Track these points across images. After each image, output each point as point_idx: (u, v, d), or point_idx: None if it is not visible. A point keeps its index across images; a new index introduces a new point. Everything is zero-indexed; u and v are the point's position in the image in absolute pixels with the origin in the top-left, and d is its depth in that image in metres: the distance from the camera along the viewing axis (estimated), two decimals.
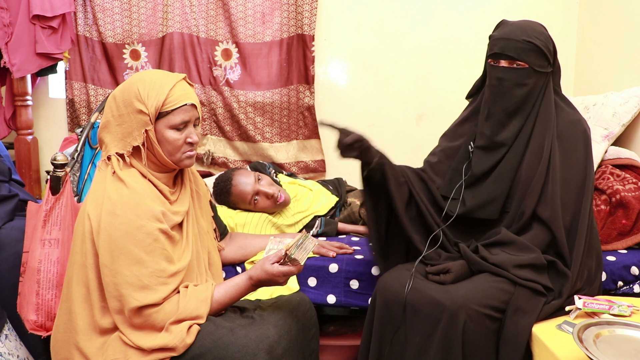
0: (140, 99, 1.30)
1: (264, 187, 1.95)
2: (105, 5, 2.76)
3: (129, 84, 1.34)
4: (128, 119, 1.31)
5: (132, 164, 1.33)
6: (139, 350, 1.23)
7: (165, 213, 1.30)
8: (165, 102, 1.31)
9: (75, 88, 2.84)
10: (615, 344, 1.13)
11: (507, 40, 1.47)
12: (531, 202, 1.48)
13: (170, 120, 1.33)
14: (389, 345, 1.43)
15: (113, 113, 1.33)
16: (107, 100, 1.38)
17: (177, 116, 1.33)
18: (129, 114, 1.31)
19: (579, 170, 1.49)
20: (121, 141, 1.32)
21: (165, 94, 1.31)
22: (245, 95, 2.80)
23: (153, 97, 1.30)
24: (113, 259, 1.22)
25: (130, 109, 1.31)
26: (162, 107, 1.31)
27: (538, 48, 1.46)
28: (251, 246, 1.75)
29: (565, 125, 1.52)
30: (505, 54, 1.48)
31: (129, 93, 1.32)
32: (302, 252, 1.34)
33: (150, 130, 1.31)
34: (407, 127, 2.84)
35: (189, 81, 1.39)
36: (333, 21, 2.78)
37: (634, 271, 1.71)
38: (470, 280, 1.43)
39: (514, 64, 1.48)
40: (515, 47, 1.46)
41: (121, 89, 1.35)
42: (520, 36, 1.46)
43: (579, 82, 2.69)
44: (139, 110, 1.30)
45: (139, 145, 1.31)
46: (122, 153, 1.32)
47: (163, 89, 1.31)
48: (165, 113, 1.32)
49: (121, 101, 1.32)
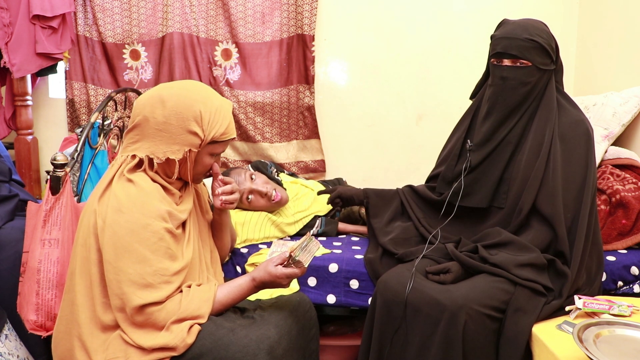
0: (200, 123, 1.29)
1: (257, 185, 1.95)
2: (105, 5, 2.76)
3: (186, 98, 1.30)
4: (175, 131, 1.29)
5: (146, 168, 1.31)
6: (140, 349, 1.23)
7: (171, 213, 1.30)
8: (223, 133, 1.33)
9: (75, 88, 2.84)
10: (615, 344, 1.13)
11: (510, 39, 1.47)
12: (529, 198, 1.48)
13: (215, 148, 1.36)
14: (390, 345, 1.43)
15: (156, 117, 1.29)
16: (148, 99, 1.32)
17: (222, 147, 1.37)
18: (178, 128, 1.29)
19: (580, 170, 1.49)
20: (156, 147, 1.30)
21: (226, 126, 1.33)
22: (245, 95, 2.80)
23: (214, 127, 1.30)
24: (117, 257, 1.22)
25: (182, 125, 1.28)
26: (218, 138, 1.32)
27: (541, 46, 1.46)
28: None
29: (567, 125, 1.52)
30: (509, 53, 1.48)
31: (186, 109, 1.29)
32: (306, 255, 1.34)
33: (194, 152, 1.31)
34: (407, 127, 2.84)
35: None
36: (333, 21, 2.78)
37: (634, 271, 1.71)
38: (471, 280, 1.43)
39: (518, 62, 1.48)
40: (518, 45, 1.46)
41: (175, 98, 1.29)
42: (522, 34, 1.46)
43: (579, 82, 2.69)
44: (193, 132, 1.29)
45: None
46: (153, 158, 1.30)
47: (224, 120, 1.33)
48: (215, 141, 1.33)
49: (173, 112, 1.28)
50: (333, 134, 2.86)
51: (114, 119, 2.25)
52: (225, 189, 1.46)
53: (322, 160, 2.84)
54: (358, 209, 2.15)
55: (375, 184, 2.85)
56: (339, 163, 2.88)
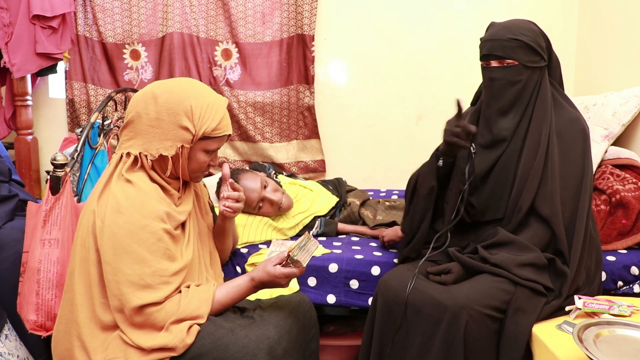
0: (191, 118, 1.28)
1: (269, 194, 1.94)
2: (105, 6, 2.76)
3: (178, 94, 1.29)
4: (167, 127, 1.28)
5: (144, 166, 1.31)
6: (139, 349, 1.23)
7: (169, 214, 1.29)
8: (215, 128, 1.31)
9: (75, 88, 2.84)
10: (615, 344, 1.13)
11: (494, 40, 1.50)
12: (528, 198, 1.48)
13: (209, 144, 1.34)
14: (390, 346, 1.43)
15: (149, 113, 1.28)
16: (141, 95, 1.32)
17: (216, 143, 1.35)
18: (170, 123, 1.28)
19: (577, 168, 1.49)
20: (149, 144, 1.30)
21: (217, 122, 1.31)
22: (245, 95, 2.80)
23: (205, 122, 1.29)
24: (116, 257, 1.22)
25: (173, 120, 1.28)
26: (210, 133, 1.31)
27: (525, 44, 1.47)
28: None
29: (564, 123, 1.52)
30: (494, 54, 1.50)
31: (177, 105, 1.28)
32: (305, 254, 1.34)
33: (186, 148, 1.30)
34: (407, 127, 2.84)
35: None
36: (333, 21, 2.78)
37: (634, 271, 1.71)
38: (472, 281, 1.43)
39: (504, 62, 1.50)
40: (502, 46, 1.48)
41: (167, 94, 1.29)
42: (505, 35, 1.48)
43: (579, 82, 2.69)
44: (185, 127, 1.28)
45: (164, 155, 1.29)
46: (146, 154, 1.30)
47: (217, 115, 1.31)
48: (207, 137, 1.32)
49: (165, 107, 1.28)
50: (333, 134, 2.86)
51: (114, 119, 2.25)
52: (232, 195, 1.46)
53: (322, 160, 2.84)
54: (358, 209, 2.15)
55: (375, 184, 2.86)
56: (339, 163, 2.88)
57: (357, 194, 2.27)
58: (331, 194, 2.19)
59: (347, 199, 2.23)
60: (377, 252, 1.83)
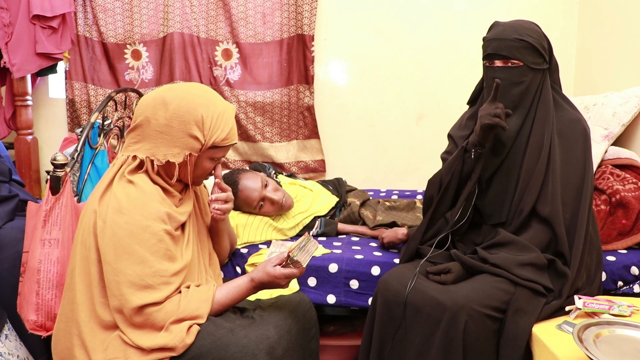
0: (201, 128, 1.29)
1: (270, 193, 1.93)
2: (106, 6, 2.77)
3: (189, 102, 1.29)
4: (176, 134, 1.29)
5: (147, 169, 1.31)
6: (139, 349, 1.23)
7: (170, 215, 1.30)
8: (224, 138, 1.32)
9: (76, 88, 2.84)
10: (615, 344, 1.13)
11: (500, 40, 1.49)
12: (530, 199, 1.48)
13: (216, 153, 1.35)
14: (390, 345, 1.43)
15: (158, 119, 1.28)
16: (151, 100, 1.31)
17: (223, 152, 1.37)
18: (180, 131, 1.28)
19: (578, 169, 1.49)
20: (156, 149, 1.30)
21: (227, 132, 1.32)
22: (246, 95, 2.80)
23: (215, 132, 1.30)
24: (117, 258, 1.22)
25: (183, 129, 1.28)
26: (219, 143, 1.32)
27: (531, 45, 1.47)
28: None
29: (565, 124, 1.52)
30: (499, 54, 1.49)
31: (188, 113, 1.28)
32: (305, 255, 1.34)
33: (194, 156, 1.31)
34: (407, 127, 2.84)
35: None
36: (333, 21, 2.78)
37: (634, 271, 1.71)
38: (471, 281, 1.43)
39: (509, 62, 1.49)
40: (508, 46, 1.47)
41: (178, 101, 1.29)
42: (512, 35, 1.47)
43: (579, 82, 2.69)
44: (194, 136, 1.29)
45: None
46: (152, 159, 1.30)
47: (226, 126, 1.32)
48: (215, 146, 1.33)
49: (174, 115, 1.28)
50: (333, 134, 2.86)
51: (114, 119, 2.25)
52: (219, 196, 1.46)
53: (322, 160, 2.84)
54: (358, 209, 2.15)
55: (375, 184, 2.86)
56: (339, 163, 2.88)
57: (357, 194, 2.27)
58: (331, 194, 2.19)
59: (347, 199, 2.23)
60: (377, 252, 1.83)
